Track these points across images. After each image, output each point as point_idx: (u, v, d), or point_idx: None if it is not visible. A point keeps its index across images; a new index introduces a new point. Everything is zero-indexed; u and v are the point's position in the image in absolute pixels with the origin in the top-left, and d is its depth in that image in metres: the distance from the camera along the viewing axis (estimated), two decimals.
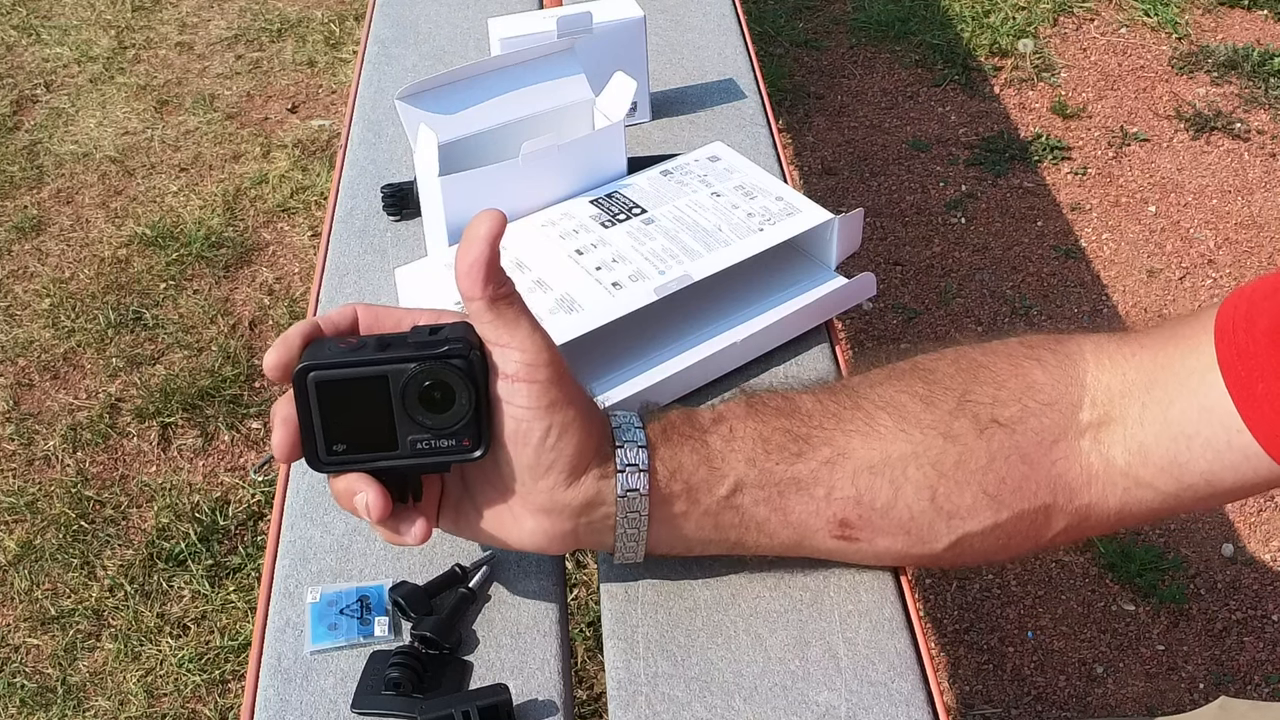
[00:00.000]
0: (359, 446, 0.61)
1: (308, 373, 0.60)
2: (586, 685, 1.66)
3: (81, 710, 1.66)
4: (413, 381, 0.60)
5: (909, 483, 0.66)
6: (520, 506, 0.64)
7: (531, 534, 0.65)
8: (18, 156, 2.72)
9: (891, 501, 0.66)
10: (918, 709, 0.67)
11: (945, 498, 0.66)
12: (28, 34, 3.18)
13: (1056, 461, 0.66)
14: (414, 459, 0.62)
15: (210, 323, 2.26)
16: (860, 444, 0.66)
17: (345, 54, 3.03)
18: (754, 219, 0.92)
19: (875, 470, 0.66)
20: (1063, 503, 0.67)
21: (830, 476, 0.66)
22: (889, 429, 0.66)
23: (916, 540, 0.67)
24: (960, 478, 0.66)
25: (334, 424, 0.61)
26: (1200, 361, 0.62)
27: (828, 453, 0.66)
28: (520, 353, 0.61)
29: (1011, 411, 0.66)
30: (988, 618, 1.78)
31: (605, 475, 0.64)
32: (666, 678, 0.68)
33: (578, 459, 0.63)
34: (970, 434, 0.66)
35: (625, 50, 1.11)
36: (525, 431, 0.61)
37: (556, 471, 0.62)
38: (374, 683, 0.68)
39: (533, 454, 0.62)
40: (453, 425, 0.61)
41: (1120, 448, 0.65)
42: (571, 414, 0.62)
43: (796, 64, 2.98)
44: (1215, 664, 1.72)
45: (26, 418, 2.09)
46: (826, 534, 0.67)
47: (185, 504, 1.92)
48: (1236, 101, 2.79)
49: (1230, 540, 1.88)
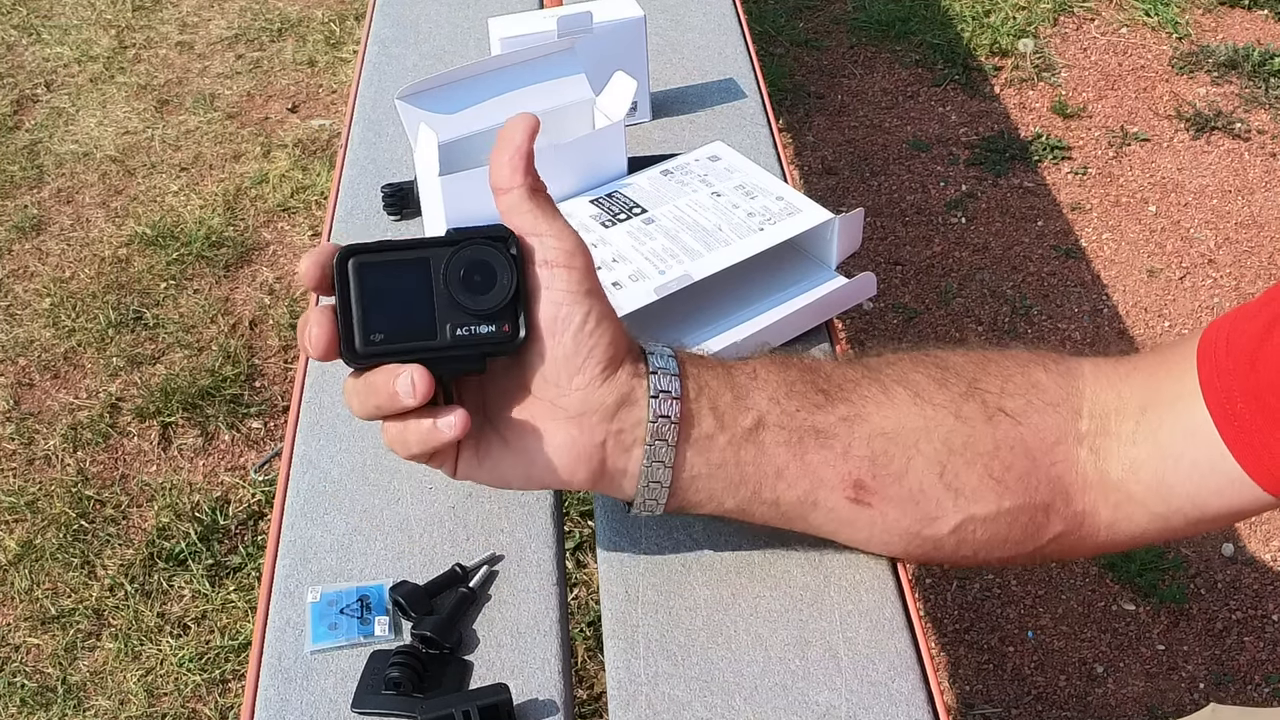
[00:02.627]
0: (398, 335, 0.60)
1: (349, 256, 0.60)
2: (587, 685, 1.66)
3: (82, 710, 1.66)
4: (455, 261, 0.60)
5: (920, 455, 0.66)
6: (549, 416, 0.63)
7: (560, 449, 0.63)
8: (18, 156, 2.72)
9: (904, 470, 0.66)
10: (918, 709, 0.67)
11: (953, 475, 0.66)
12: (28, 33, 3.18)
13: (1056, 462, 0.66)
14: (453, 349, 0.61)
15: (210, 322, 2.26)
16: (876, 410, 0.66)
17: (345, 54, 3.03)
18: (754, 219, 0.92)
19: (889, 437, 0.66)
20: (1060, 505, 0.67)
21: (849, 433, 0.66)
22: (903, 402, 0.66)
23: (924, 516, 0.67)
24: (968, 458, 0.66)
25: (374, 311, 0.60)
26: (1185, 386, 0.63)
27: (846, 410, 0.66)
28: (557, 240, 0.61)
29: (1018, 404, 0.67)
30: (988, 617, 1.78)
31: (638, 374, 0.63)
32: (667, 677, 0.68)
33: (614, 349, 0.63)
34: (979, 418, 0.66)
35: (625, 50, 1.11)
36: (565, 317, 0.61)
37: (594, 362, 0.62)
38: (374, 682, 0.69)
39: (571, 341, 0.61)
40: (493, 307, 0.60)
41: (1115, 460, 0.66)
42: (606, 305, 0.63)
43: (797, 64, 2.98)
44: (1215, 664, 1.72)
45: (27, 417, 2.09)
46: (841, 493, 0.66)
47: (185, 503, 1.92)
48: (1237, 101, 2.79)
49: (1230, 540, 1.88)
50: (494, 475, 0.65)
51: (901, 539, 0.69)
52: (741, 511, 0.68)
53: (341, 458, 0.83)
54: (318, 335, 0.60)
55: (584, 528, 1.84)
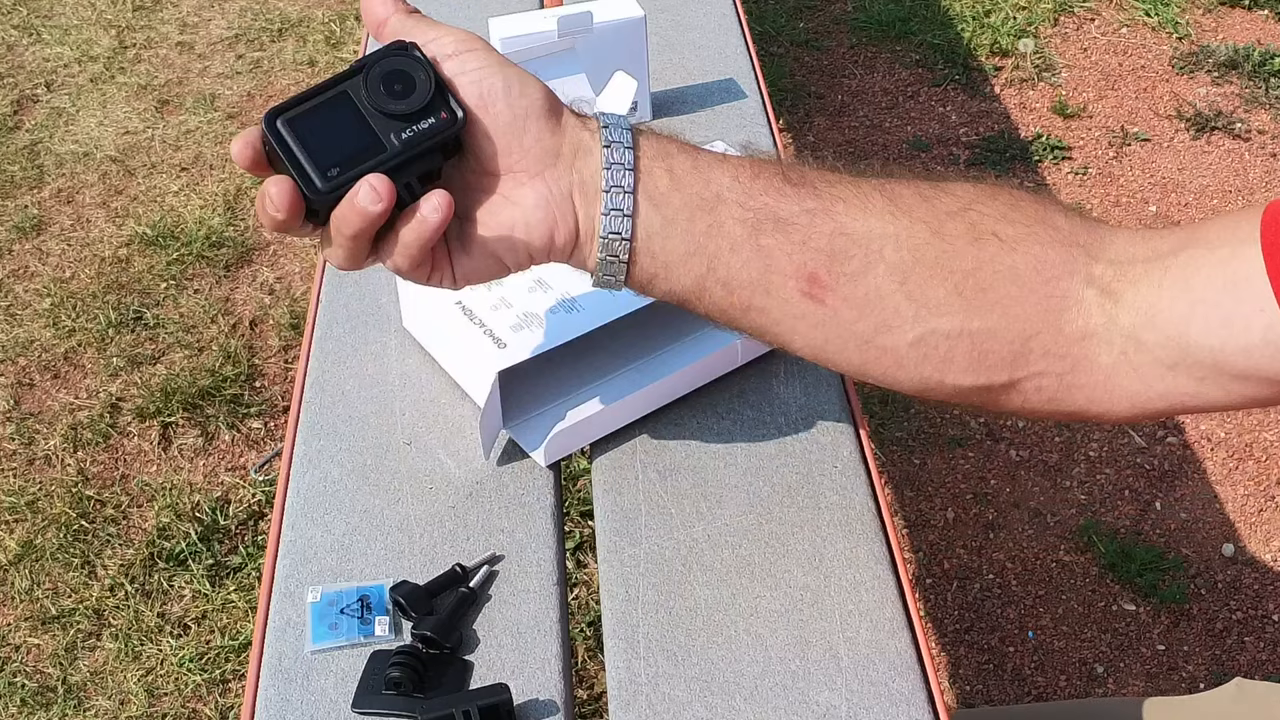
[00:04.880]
0: (350, 162, 0.62)
1: (275, 118, 0.61)
2: (587, 685, 1.66)
3: (82, 710, 1.66)
4: (371, 80, 0.62)
5: (883, 262, 0.63)
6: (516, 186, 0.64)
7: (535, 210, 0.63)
8: (18, 156, 2.72)
9: (861, 271, 0.63)
10: (918, 709, 0.67)
11: (917, 285, 0.63)
12: (28, 33, 3.18)
13: (1052, 297, 0.62)
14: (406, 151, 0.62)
15: (211, 322, 2.26)
16: (844, 210, 0.64)
17: (346, 54, 3.03)
18: None
19: (852, 238, 0.64)
20: (1047, 341, 0.63)
21: (809, 225, 0.64)
22: (878, 208, 0.64)
23: (880, 323, 0.64)
24: (937, 273, 0.63)
25: (319, 152, 0.61)
26: (1237, 234, 0.58)
27: (813, 205, 0.64)
28: (449, 35, 0.64)
29: (1016, 232, 0.63)
30: (988, 617, 1.78)
31: (588, 127, 0.64)
32: (667, 677, 0.68)
33: (549, 100, 0.64)
34: (962, 238, 0.63)
35: (626, 49, 1.11)
36: (489, 89, 0.62)
37: (535, 116, 0.63)
38: (374, 682, 0.69)
39: (505, 106, 0.63)
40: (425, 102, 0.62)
41: (1129, 305, 0.61)
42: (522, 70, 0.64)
43: (797, 64, 2.98)
44: (1215, 664, 1.72)
45: (27, 417, 2.09)
46: (795, 285, 0.64)
47: (186, 503, 1.92)
48: (1237, 101, 2.79)
49: (1230, 540, 1.88)
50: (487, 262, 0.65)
51: (856, 345, 0.66)
52: (697, 293, 0.66)
53: (341, 458, 0.83)
54: (278, 192, 0.60)
55: (584, 528, 1.84)
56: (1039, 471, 1.99)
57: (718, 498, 0.80)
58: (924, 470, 1.99)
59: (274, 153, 0.61)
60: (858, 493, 0.81)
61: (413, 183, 0.62)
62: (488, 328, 0.83)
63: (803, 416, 0.86)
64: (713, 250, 0.64)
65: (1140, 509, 1.93)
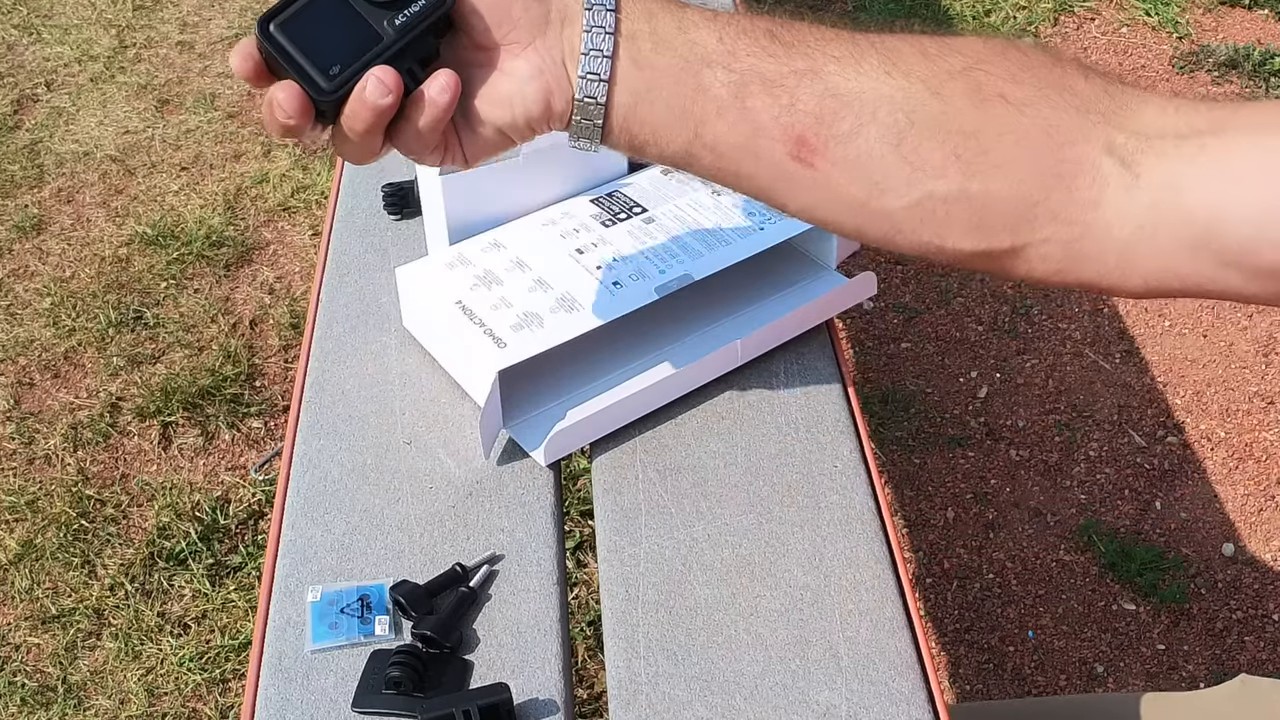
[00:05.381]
0: (350, 56, 0.62)
1: (267, 24, 0.61)
2: (587, 684, 1.66)
3: (82, 709, 1.66)
4: None
5: (875, 123, 0.61)
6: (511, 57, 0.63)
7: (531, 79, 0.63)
8: (19, 156, 2.72)
9: (851, 133, 0.61)
10: (918, 708, 0.67)
11: (912, 149, 0.61)
12: (28, 33, 3.18)
13: (1063, 162, 0.59)
14: (402, 38, 0.62)
15: (211, 322, 2.26)
16: (836, 70, 0.62)
17: None
18: (754, 218, 0.92)
19: (843, 99, 0.62)
20: (1056, 206, 0.60)
21: (796, 87, 0.62)
22: (873, 68, 0.62)
23: (873, 186, 0.62)
24: (933, 134, 0.60)
25: (318, 51, 0.61)
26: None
27: (802, 65, 0.62)
28: None
29: (1026, 94, 0.60)
30: (988, 617, 1.78)
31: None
32: (667, 677, 0.68)
33: None
34: (963, 98, 0.60)
35: None
36: None
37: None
38: (374, 681, 0.69)
39: None
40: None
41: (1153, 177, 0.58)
42: None
43: None
44: (1215, 663, 1.72)
45: (27, 417, 2.09)
46: (783, 148, 0.63)
47: (186, 503, 1.92)
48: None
49: (1231, 540, 1.88)
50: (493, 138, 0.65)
51: (849, 209, 0.64)
52: (686, 158, 0.65)
53: (342, 457, 0.83)
54: (285, 96, 0.60)
55: (584, 527, 1.84)
56: (1039, 471, 1.99)
57: (718, 498, 0.80)
58: (924, 470, 2.00)
59: (272, 59, 0.61)
60: (858, 493, 0.81)
61: (414, 67, 0.62)
62: (488, 328, 0.83)
63: (803, 416, 0.87)
64: (699, 114, 0.63)
65: (1140, 509, 1.93)
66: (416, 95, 0.62)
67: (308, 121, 0.61)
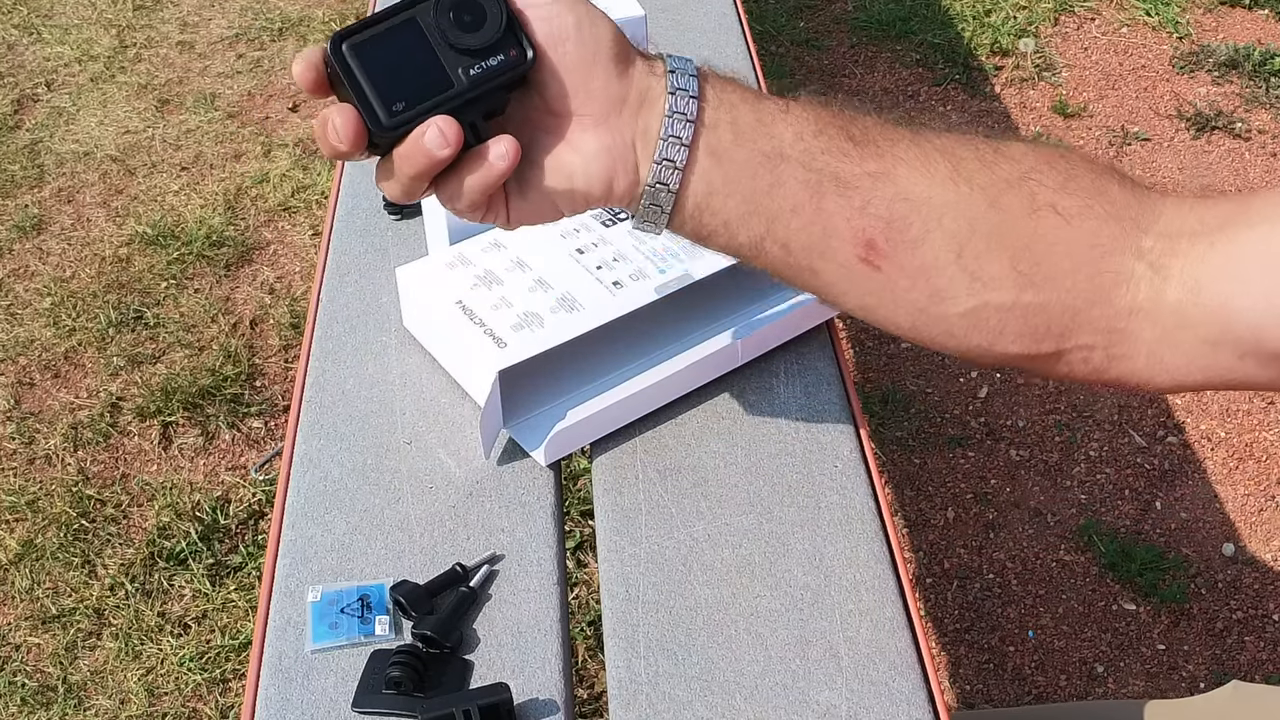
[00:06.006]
0: (417, 96, 0.60)
1: (340, 43, 0.59)
2: (587, 684, 1.66)
3: (82, 709, 1.66)
4: (440, 9, 0.60)
5: (941, 229, 0.63)
6: (580, 130, 0.62)
7: (595, 158, 0.62)
8: (19, 155, 2.72)
9: (919, 240, 0.63)
10: (918, 708, 0.67)
11: (973, 258, 0.63)
12: (29, 33, 3.18)
13: (1104, 273, 0.62)
14: (473, 90, 0.61)
15: (211, 321, 2.26)
16: (906, 174, 0.63)
17: None
18: None
19: (913, 204, 0.63)
20: (1096, 315, 0.63)
21: (871, 189, 0.63)
22: (940, 173, 0.63)
23: (934, 293, 0.64)
24: (993, 245, 0.63)
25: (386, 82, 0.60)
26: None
27: (875, 166, 0.63)
28: None
29: (1073, 204, 0.62)
30: (988, 617, 1.78)
31: (653, 72, 0.62)
32: (667, 677, 0.68)
33: (619, 44, 0.62)
34: (1020, 210, 0.63)
35: None
36: (559, 28, 0.61)
37: (604, 57, 0.61)
38: (375, 681, 0.69)
39: (575, 46, 0.61)
40: (493, 37, 0.60)
41: (1176, 280, 0.61)
42: (595, 9, 0.62)
43: (797, 63, 2.98)
44: (1216, 663, 1.72)
45: (27, 416, 2.09)
46: (852, 249, 0.64)
47: (186, 503, 1.92)
48: (1237, 101, 2.79)
49: (1231, 540, 1.88)
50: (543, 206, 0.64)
51: (908, 312, 0.66)
52: (754, 251, 0.66)
53: (342, 457, 0.83)
54: (343, 122, 0.59)
55: (584, 527, 1.84)
56: (1039, 471, 1.99)
57: (718, 498, 0.80)
58: (924, 470, 1.99)
59: (338, 78, 0.59)
60: (858, 493, 0.81)
61: (478, 122, 0.61)
62: (488, 328, 0.83)
63: (803, 416, 0.86)
64: (773, 210, 0.63)
65: (1140, 509, 1.93)
66: (475, 151, 0.60)
67: (359, 150, 0.60)
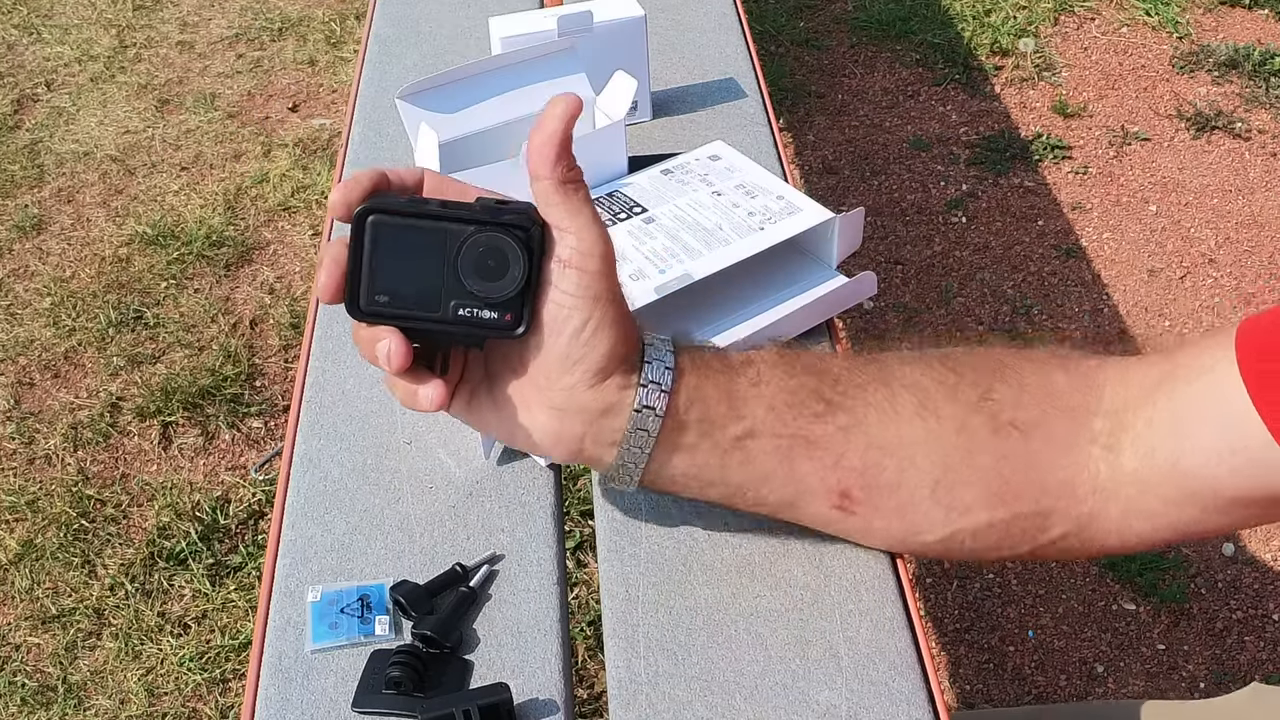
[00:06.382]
0: (400, 301, 0.60)
1: (369, 214, 0.59)
2: (587, 684, 1.66)
3: (82, 709, 1.66)
4: (470, 244, 0.60)
5: (915, 469, 0.65)
6: (537, 401, 0.64)
7: (540, 430, 0.64)
8: (19, 155, 2.72)
9: (895, 483, 0.66)
10: (918, 708, 0.67)
11: (946, 490, 0.66)
12: (29, 33, 3.18)
13: (1066, 468, 0.65)
14: (453, 325, 0.61)
15: (211, 321, 2.26)
16: (877, 419, 0.66)
17: (346, 53, 3.03)
18: (755, 218, 0.92)
19: (885, 450, 0.65)
20: (1064, 507, 0.66)
21: (843, 443, 0.65)
22: (908, 412, 0.66)
23: (910, 527, 0.67)
24: (964, 475, 0.66)
25: (382, 272, 0.60)
26: (1214, 357, 0.61)
27: (845, 420, 0.65)
28: (577, 239, 0.61)
29: (1030, 416, 0.66)
30: (988, 617, 1.78)
31: (627, 386, 0.63)
32: (667, 677, 0.68)
33: (606, 361, 0.62)
34: (984, 432, 0.66)
35: (626, 49, 1.11)
36: (565, 319, 0.61)
37: (583, 369, 0.62)
38: (375, 681, 0.69)
39: (566, 344, 0.61)
40: (499, 297, 0.60)
41: (1129, 451, 0.64)
42: (612, 314, 0.62)
43: (797, 63, 2.98)
44: (1216, 663, 1.72)
45: (27, 416, 2.09)
46: (826, 501, 0.67)
47: (186, 503, 1.92)
48: (1237, 101, 2.79)
49: (1231, 540, 1.88)
50: (478, 423, 0.67)
51: (885, 543, 0.71)
52: (727, 504, 0.69)
53: (342, 457, 0.83)
54: (324, 284, 0.61)
55: (584, 527, 1.84)
56: None
57: None
58: None
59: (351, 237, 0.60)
60: None
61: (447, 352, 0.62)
62: None
63: None
64: (743, 481, 0.67)
65: None
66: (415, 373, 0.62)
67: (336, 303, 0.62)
